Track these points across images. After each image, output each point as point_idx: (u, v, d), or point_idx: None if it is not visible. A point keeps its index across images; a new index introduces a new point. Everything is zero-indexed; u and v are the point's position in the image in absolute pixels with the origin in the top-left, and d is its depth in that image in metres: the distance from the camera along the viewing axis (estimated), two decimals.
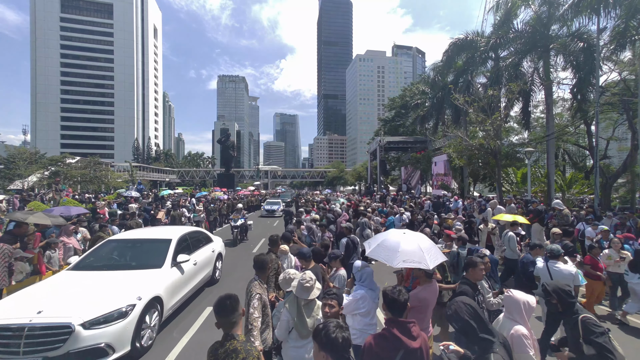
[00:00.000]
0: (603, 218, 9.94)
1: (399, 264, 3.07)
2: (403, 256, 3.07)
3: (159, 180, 61.67)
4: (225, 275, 8.43)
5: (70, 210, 9.21)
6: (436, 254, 3.32)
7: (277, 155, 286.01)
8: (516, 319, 2.39)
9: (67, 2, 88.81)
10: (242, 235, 13.19)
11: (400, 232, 3.50)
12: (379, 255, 3.27)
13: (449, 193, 19.14)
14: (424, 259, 3.06)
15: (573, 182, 20.08)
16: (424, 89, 30.57)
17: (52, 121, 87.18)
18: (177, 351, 4.54)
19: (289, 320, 2.78)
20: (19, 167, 29.99)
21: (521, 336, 2.29)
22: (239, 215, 13.38)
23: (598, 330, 2.33)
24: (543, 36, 14.98)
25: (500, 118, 13.91)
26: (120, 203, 16.47)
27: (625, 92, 15.68)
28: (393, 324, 2.17)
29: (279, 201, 26.09)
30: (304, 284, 2.82)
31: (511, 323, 2.40)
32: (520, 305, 2.37)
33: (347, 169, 74.15)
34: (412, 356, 2.06)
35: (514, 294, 2.45)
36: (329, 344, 1.67)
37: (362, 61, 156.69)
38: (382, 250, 3.27)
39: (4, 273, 5.11)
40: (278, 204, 24.83)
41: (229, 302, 2.06)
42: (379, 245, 3.36)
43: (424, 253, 3.12)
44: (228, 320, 2.03)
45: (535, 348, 2.35)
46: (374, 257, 3.36)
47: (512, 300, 2.43)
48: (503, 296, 2.58)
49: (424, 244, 3.30)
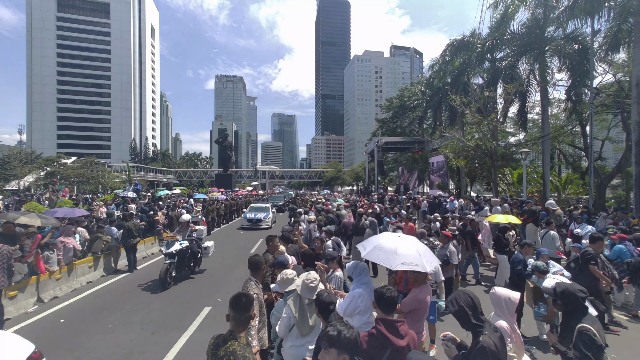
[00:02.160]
0: (597, 218, 10.08)
1: (397, 266, 3.09)
2: (402, 259, 3.11)
3: (156, 181, 61.43)
4: (224, 275, 8.48)
5: (75, 212, 9.23)
6: (431, 257, 3.39)
7: (275, 156, 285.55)
8: (499, 314, 2.54)
9: (63, 1, 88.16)
10: (191, 266, 8.28)
11: (395, 235, 3.55)
12: (376, 258, 3.27)
13: (445, 193, 19.26)
14: (421, 261, 3.11)
15: (569, 183, 20.27)
16: (421, 89, 30.72)
17: (48, 121, 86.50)
18: (175, 350, 4.58)
19: (290, 318, 2.81)
20: (15, 167, 29.77)
21: (501, 329, 2.42)
22: (183, 232, 8.26)
23: (590, 343, 2.31)
24: (539, 38, 15.14)
25: (496, 119, 14.05)
26: (117, 204, 16.44)
27: (620, 93, 15.87)
28: (382, 322, 2.25)
29: (267, 206, 18.77)
30: (308, 283, 2.86)
31: (496, 318, 2.56)
32: (502, 301, 2.51)
33: (345, 169, 74.27)
34: (399, 355, 2.13)
35: (497, 291, 2.58)
36: (349, 345, 1.74)
37: (360, 61, 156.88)
38: (380, 253, 3.28)
39: (3, 274, 5.12)
40: (266, 211, 17.73)
41: (244, 299, 2.14)
42: (376, 248, 3.38)
43: (420, 256, 3.17)
44: (238, 317, 2.09)
45: (518, 343, 2.49)
46: (371, 260, 3.36)
47: (495, 296, 2.57)
48: (489, 293, 2.68)
49: (420, 247, 3.36)
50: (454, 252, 5.97)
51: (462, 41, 18.34)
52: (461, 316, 2.17)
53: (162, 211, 14.22)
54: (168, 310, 6.11)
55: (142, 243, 10.51)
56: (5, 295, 5.56)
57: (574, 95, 15.18)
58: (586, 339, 2.33)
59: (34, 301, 6.30)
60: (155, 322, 5.58)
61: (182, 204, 17.99)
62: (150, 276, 8.33)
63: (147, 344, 4.78)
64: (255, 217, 16.98)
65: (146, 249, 10.89)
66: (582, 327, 2.41)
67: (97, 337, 5.03)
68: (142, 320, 5.63)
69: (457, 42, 18.54)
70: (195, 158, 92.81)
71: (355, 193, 44.57)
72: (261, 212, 17.63)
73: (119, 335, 5.06)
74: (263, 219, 16.96)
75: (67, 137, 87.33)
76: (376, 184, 31.41)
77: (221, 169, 51.20)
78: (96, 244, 8.32)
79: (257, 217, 16.99)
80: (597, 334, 2.35)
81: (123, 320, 5.63)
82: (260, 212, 17.60)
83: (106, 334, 5.11)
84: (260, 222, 16.78)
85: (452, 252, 5.93)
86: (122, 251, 9.10)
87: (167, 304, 6.43)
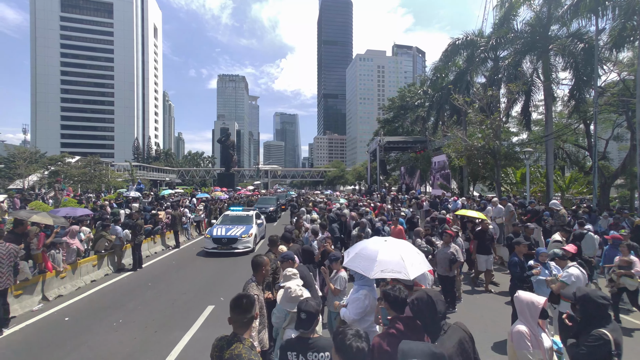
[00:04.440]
0: (600, 218, 10.02)
1: (376, 274, 2.86)
2: (381, 266, 2.88)
3: (159, 180, 61.69)
4: (225, 275, 8.52)
5: (76, 212, 9.31)
6: (420, 262, 3.11)
7: (277, 155, 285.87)
8: (521, 318, 2.47)
9: (67, 1, 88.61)
10: None
11: (382, 240, 3.30)
12: (356, 266, 3.05)
13: (448, 193, 19.21)
14: (404, 268, 2.86)
15: (572, 182, 20.15)
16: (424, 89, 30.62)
17: (52, 120, 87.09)
18: (178, 349, 4.62)
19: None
20: (19, 166, 30.03)
21: (519, 332, 2.37)
22: None
23: (599, 345, 2.24)
24: (542, 36, 15.03)
25: (499, 118, 13.98)
26: (120, 203, 16.54)
27: (624, 92, 15.74)
28: (398, 321, 2.21)
29: (251, 215, 12.41)
30: (290, 294, 2.75)
31: (517, 322, 2.51)
32: (524, 306, 2.44)
33: (347, 169, 74.21)
34: None
35: (520, 295, 2.51)
36: (342, 349, 1.69)
37: (362, 61, 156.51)
38: (360, 260, 3.07)
39: (10, 272, 5.18)
40: (247, 224, 11.65)
41: (245, 300, 2.11)
42: (357, 255, 3.17)
43: (404, 262, 2.92)
44: (240, 319, 2.07)
45: (541, 350, 2.36)
46: (351, 268, 3.15)
47: (518, 301, 2.51)
48: (514, 298, 2.61)
49: (406, 253, 3.09)
50: (459, 250, 5.96)
51: (465, 40, 18.24)
52: (420, 318, 2.14)
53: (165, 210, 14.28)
54: (171, 309, 6.15)
55: (146, 242, 10.59)
56: (11, 294, 5.63)
57: (578, 94, 15.08)
58: (597, 340, 2.25)
59: (39, 299, 6.36)
60: (158, 320, 5.62)
61: (185, 202, 18.06)
62: (153, 275, 8.39)
63: (150, 343, 4.82)
64: (227, 234, 10.78)
65: (149, 247, 10.97)
66: (599, 331, 2.29)
67: (101, 335, 5.08)
68: (146, 319, 5.67)
69: (460, 40, 18.44)
70: (198, 157, 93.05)
71: (358, 192, 44.55)
72: (238, 225, 11.47)
73: (123, 334, 5.10)
74: (240, 239, 10.72)
75: (70, 136, 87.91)
76: (378, 183, 31.37)
77: (223, 169, 51.32)
78: (100, 242, 8.39)
79: (232, 234, 10.79)
80: (611, 341, 2.23)
81: (127, 319, 5.68)
82: (237, 225, 11.47)
83: (110, 332, 5.16)
84: (235, 244, 10.66)
85: (457, 250, 5.92)
86: (125, 250, 9.18)
87: (170, 303, 6.47)
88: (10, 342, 4.91)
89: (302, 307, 2.22)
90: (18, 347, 4.75)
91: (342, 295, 3.98)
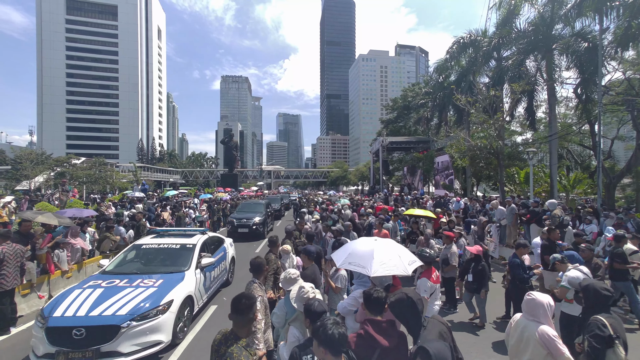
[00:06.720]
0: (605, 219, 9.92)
1: (376, 271, 2.89)
2: (380, 263, 2.93)
3: (163, 181, 62.16)
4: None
5: (83, 213, 9.43)
6: (412, 258, 3.22)
7: (280, 155, 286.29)
8: (541, 320, 2.41)
9: (72, 4, 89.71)
10: None
11: (372, 240, 3.37)
12: (351, 265, 3.08)
13: (451, 193, 19.13)
14: (401, 264, 2.96)
15: (577, 182, 19.96)
16: (427, 90, 30.53)
17: (58, 122, 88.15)
18: (181, 348, 4.67)
19: (299, 339, 2.70)
20: (26, 167, 30.42)
21: (553, 338, 2.32)
22: None
23: (598, 332, 2.30)
24: (546, 36, 14.94)
25: (502, 118, 13.92)
26: (123, 204, 16.69)
27: (630, 91, 15.58)
28: (370, 323, 2.22)
29: (189, 251, 5.87)
30: (302, 295, 2.76)
31: (535, 325, 2.42)
32: (545, 306, 2.40)
33: (350, 169, 74.19)
34: (388, 355, 2.09)
35: (537, 297, 2.46)
36: (327, 340, 1.74)
37: (365, 61, 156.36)
38: (355, 259, 3.09)
39: (17, 272, 5.28)
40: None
41: (244, 301, 2.15)
42: (350, 255, 3.19)
43: (401, 259, 3.02)
44: (238, 319, 2.12)
45: None
46: (346, 268, 3.17)
47: (536, 302, 2.43)
48: (525, 299, 2.55)
49: (398, 250, 3.18)
50: (455, 253, 5.94)
51: (468, 39, 18.18)
52: (401, 319, 2.16)
53: (168, 211, 14.41)
54: None
55: None
56: (18, 293, 5.73)
57: (582, 94, 14.95)
58: (594, 327, 2.35)
59: (45, 299, 6.47)
60: None
61: (189, 203, 18.19)
62: None
63: None
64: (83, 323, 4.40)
65: None
66: (595, 317, 2.41)
67: None
68: None
69: (463, 40, 18.38)
70: (201, 158, 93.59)
71: (360, 193, 44.53)
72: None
73: None
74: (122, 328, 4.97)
75: (76, 137, 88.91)
76: (381, 183, 31.32)
77: (227, 169, 51.53)
78: (105, 243, 8.49)
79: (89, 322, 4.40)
80: (607, 325, 2.31)
81: None
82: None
83: None
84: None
85: (453, 254, 5.90)
86: None
87: None
88: (18, 340, 5.01)
89: (314, 307, 2.28)
90: (26, 345, 4.83)
91: (342, 293, 4.05)
